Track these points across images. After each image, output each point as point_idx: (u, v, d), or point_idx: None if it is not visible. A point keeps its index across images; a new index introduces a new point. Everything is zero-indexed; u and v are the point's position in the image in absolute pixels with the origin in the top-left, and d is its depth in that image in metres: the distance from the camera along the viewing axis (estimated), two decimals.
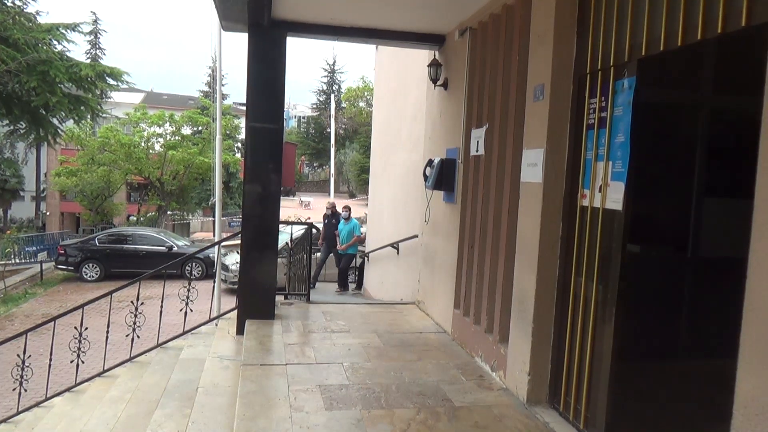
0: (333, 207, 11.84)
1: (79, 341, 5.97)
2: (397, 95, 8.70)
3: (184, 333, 6.12)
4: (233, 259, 13.22)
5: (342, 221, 10.96)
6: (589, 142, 3.26)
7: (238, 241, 5.99)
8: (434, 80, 5.73)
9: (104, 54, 38.62)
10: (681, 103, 4.52)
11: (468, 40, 4.96)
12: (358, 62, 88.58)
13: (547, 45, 3.45)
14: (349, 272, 11.42)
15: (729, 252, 3.08)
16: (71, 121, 18.18)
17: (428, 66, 5.75)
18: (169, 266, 7.26)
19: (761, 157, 2.02)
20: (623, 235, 2.98)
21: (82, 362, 5.98)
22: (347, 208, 11.09)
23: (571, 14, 3.39)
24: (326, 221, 11.57)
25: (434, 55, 5.80)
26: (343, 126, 38.61)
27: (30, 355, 6.15)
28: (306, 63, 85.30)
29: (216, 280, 7.54)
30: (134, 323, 5.98)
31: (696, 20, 2.44)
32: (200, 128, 27.12)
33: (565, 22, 3.39)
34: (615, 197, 2.99)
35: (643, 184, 3.24)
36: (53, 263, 18.37)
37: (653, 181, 4.16)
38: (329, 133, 33.27)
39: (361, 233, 11.04)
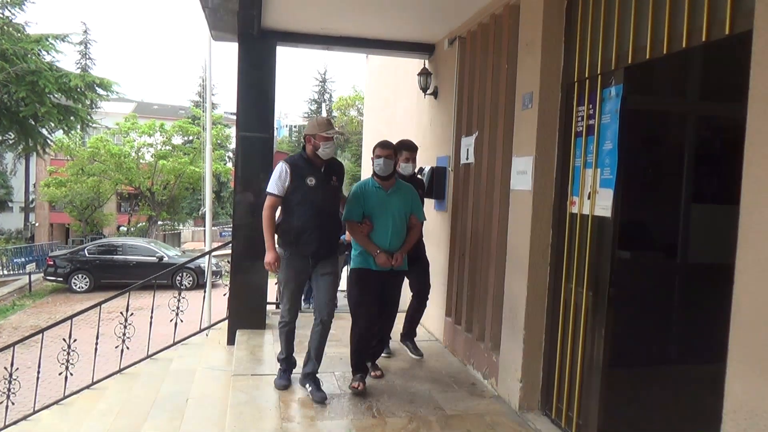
0: (331, 136, 3.72)
1: (68, 353, 5.90)
2: (387, 104, 8.72)
3: (175, 344, 6.07)
4: None
5: (369, 185, 3.94)
6: (577, 149, 3.29)
7: (229, 251, 5.96)
8: (424, 89, 5.75)
9: (94, 64, 38.39)
10: (668, 110, 4.57)
11: (457, 49, 4.99)
12: (349, 71, 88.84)
13: (535, 54, 3.48)
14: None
15: (717, 257, 3.10)
16: (61, 131, 18.06)
17: (418, 75, 5.78)
18: (159, 276, 7.21)
19: (746, 163, 2.05)
20: (612, 241, 3.00)
21: (71, 374, 5.91)
22: (410, 147, 4.45)
23: (559, 23, 3.42)
24: (303, 178, 3.69)
25: (424, 64, 5.83)
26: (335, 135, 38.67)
27: (17, 368, 6.07)
28: (298, 72, 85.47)
29: (207, 290, 7.48)
30: (124, 334, 5.92)
31: (681, 29, 2.48)
32: (191, 138, 27.05)
33: (553, 31, 3.42)
34: (604, 204, 3.01)
35: (632, 190, 3.27)
36: (42, 274, 18.17)
37: (642, 188, 4.19)
38: None
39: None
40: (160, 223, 28.46)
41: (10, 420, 6.09)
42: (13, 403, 6.14)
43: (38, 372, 6.05)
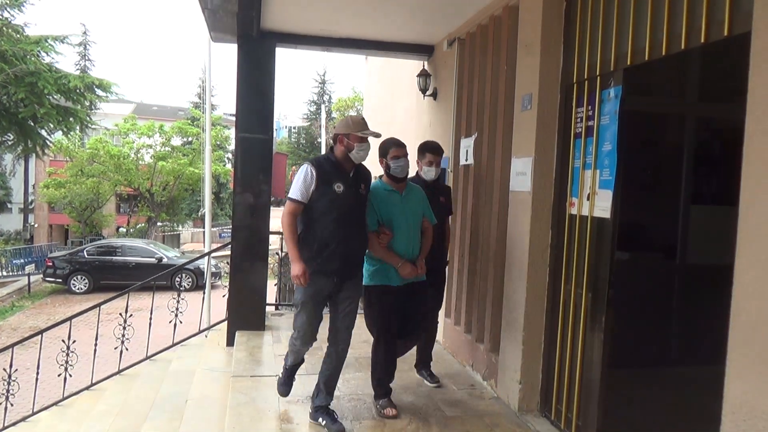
0: (367, 137, 3.28)
1: (67, 354, 5.89)
2: (387, 105, 8.73)
3: (174, 345, 6.07)
4: None
5: (380, 189, 3.54)
6: (576, 150, 3.29)
7: (228, 252, 5.96)
8: (423, 90, 5.76)
9: (93, 65, 38.34)
10: (667, 111, 4.58)
11: (456, 51, 4.99)
12: (348, 73, 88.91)
13: (534, 55, 3.49)
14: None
15: (716, 258, 3.11)
16: (60, 132, 18.03)
17: (417, 76, 5.78)
18: (158, 277, 7.21)
19: (745, 163, 2.05)
20: (612, 242, 3.00)
21: (70, 376, 5.90)
22: (435, 149, 3.92)
23: (558, 25, 3.43)
24: (330, 184, 3.22)
25: (423, 66, 5.84)
26: None
27: (16, 369, 6.06)
28: (297, 74, 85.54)
29: (206, 291, 7.48)
30: (123, 335, 5.92)
31: (679, 30, 2.48)
32: (190, 139, 27.05)
33: (552, 32, 3.43)
34: (603, 205, 3.01)
35: (631, 191, 3.27)
36: (41, 276, 18.17)
37: (641, 189, 4.20)
38: (320, 143, 33.30)
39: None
40: (159, 224, 28.43)
41: (9, 421, 6.08)
42: (12, 405, 6.13)
43: (37, 373, 6.05)
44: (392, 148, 3.51)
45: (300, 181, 3.21)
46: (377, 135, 3.34)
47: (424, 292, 3.67)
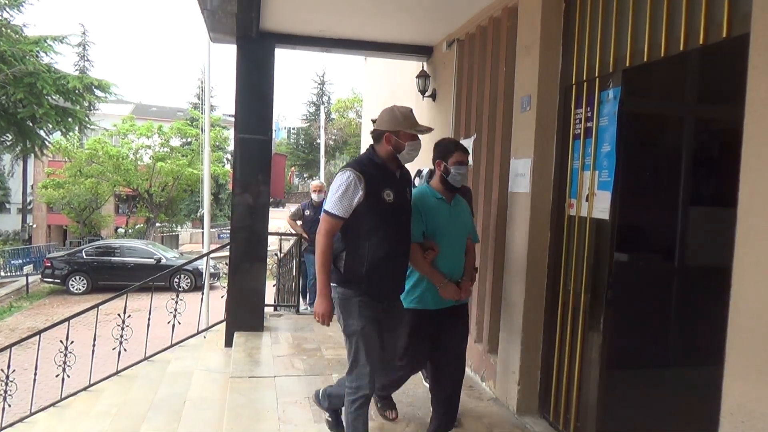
0: (418, 134, 2.83)
1: (65, 355, 5.88)
2: (386, 106, 8.72)
3: (172, 346, 6.06)
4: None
5: (429, 196, 3.08)
6: (575, 152, 3.29)
7: (227, 253, 5.96)
8: (422, 91, 5.75)
9: (92, 66, 38.32)
10: (666, 112, 4.58)
11: (455, 52, 5.00)
12: (348, 73, 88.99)
13: (533, 56, 3.49)
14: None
15: (715, 260, 3.11)
16: (58, 133, 18.00)
17: (416, 77, 5.78)
18: (156, 278, 7.21)
19: (744, 165, 2.05)
20: (610, 243, 3.00)
21: (68, 376, 5.88)
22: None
23: (557, 26, 3.43)
24: (380, 192, 2.70)
25: (422, 67, 5.84)
26: (333, 137, 38.64)
27: (14, 370, 6.04)
28: (296, 74, 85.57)
29: (204, 291, 7.47)
30: (121, 336, 5.91)
31: (678, 32, 2.48)
32: (189, 140, 27.04)
33: (551, 33, 3.43)
34: (602, 206, 3.01)
35: (630, 193, 3.27)
36: (39, 276, 18.15)
37: (639, 191, 4.20)
38: (319, 144, 33.35)
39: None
40: (158, 224, 28.38)
41: (6, 422, 6.06)
42: (9, 405, 6.12)
43: (35, 374, 6.03)
44: (457, 152, 3.03)
45: (341, 193, 2.63)
46: (430, 130, 2.89)
47: (464, 316, 3.23)
